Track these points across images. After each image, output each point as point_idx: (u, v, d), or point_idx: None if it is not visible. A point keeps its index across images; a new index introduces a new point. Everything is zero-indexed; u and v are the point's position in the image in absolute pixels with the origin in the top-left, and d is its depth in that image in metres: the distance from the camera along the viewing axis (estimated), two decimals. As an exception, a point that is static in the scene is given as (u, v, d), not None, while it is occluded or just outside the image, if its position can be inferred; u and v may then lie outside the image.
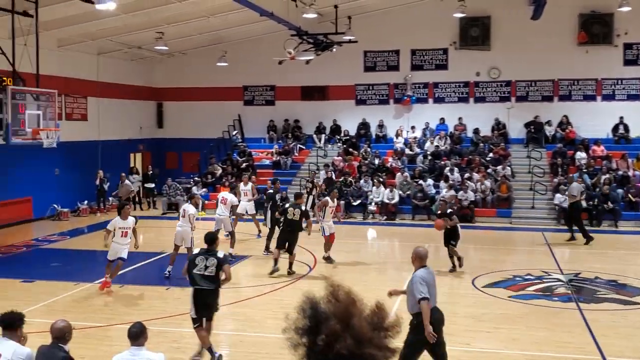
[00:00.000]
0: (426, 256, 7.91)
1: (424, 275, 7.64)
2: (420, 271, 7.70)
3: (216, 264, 8.81)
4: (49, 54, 20.12)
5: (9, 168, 20.44)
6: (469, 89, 27.04)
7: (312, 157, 26.65)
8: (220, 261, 8.85)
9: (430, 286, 7.65)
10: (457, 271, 14.57)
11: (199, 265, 8.83)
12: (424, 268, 7.76)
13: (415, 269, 7.81)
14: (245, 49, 27.71)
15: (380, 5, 25.63)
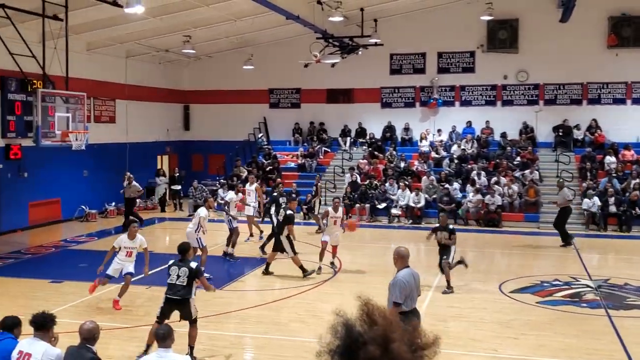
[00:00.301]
0: (408, 256, 7.79)
1: (407, 277, 7.50)
2: (403, 272, 7.58)
3: (188, 273, 9.00)
4: (78, 57, 20.37)
5: (39, 170, 20.73)
6: (496, 92, 26.81)
7: (337, 160, 26.63)
8: (191, 272, 9.03)
9: (412, 288, 7.55)
10: (449, 291, 13.21)
11: (172, 275, 9.08)
12: (407, 269, 7.64)
13: (398, 270, 7.68)
14: (271, 52, 27.82)
15: (406, 8, 25.54)
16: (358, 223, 15.03)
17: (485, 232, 21.09)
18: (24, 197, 20.46)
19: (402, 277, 7.47)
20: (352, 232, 16.04)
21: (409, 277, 7.52)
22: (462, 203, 22.37)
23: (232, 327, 10.94)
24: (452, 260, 13.45)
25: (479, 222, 21.99)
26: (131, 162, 25.53)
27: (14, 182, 20.14)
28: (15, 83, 19.58)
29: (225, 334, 10.54)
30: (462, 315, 11.66)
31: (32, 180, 20.65)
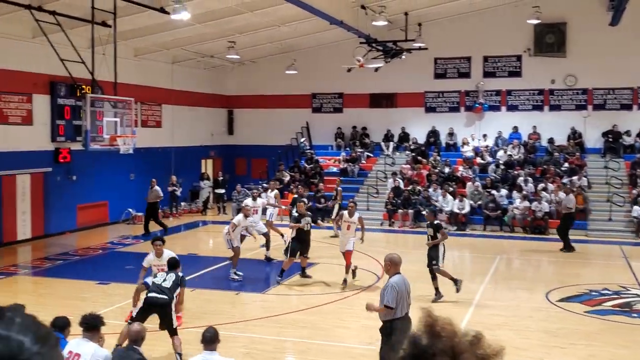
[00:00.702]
0: (400, 262, 7.88)
1: (399, 283, 7.61)
2: (395, 278, 7.69)
3: (174, 279, 9.16)
4: (126, 62, 20.74)
5: (87, 173, 21.16)
6: (543, 96, 26.35)
7: (380, 164, 26.52)
8: (178, 278, 9.22)
9: (403, 294, 7.63)
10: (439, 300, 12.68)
11: (159, 276, 9.27)
12: (398, 275, 7.74)
13: (390, 276, 7.79)
14: (314, 57, 27.89)
15: (451, 11, 25.32)
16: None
17: (531, 240, 20.72)
18: (72, 200, 20.91)
19: (394, 282, 7.60)
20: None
21: (400, 283, 7.64)
22: (508, 210, 22.01)
23: (275, 331, 10.96)
24: (442, 263, 13.07)
25: (525, 229, 21.61)
26: (176, 166, 25.89)
27: (63, 185, 20.60)
28: (65, 88, 20.05)
29: (267, 338, 10.57)
30: (508, 324, 11.46)
31: (81, 184, 21.09)
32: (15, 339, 0.98)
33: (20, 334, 0.99)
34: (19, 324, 1.01)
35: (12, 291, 13.71)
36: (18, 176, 18.96)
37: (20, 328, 1.00)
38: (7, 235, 18.62)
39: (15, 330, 0.99)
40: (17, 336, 0.99)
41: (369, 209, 23.95)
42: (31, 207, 19.41)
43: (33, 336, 1.00)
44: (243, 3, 19.01)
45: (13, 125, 18.68)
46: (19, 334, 0.99)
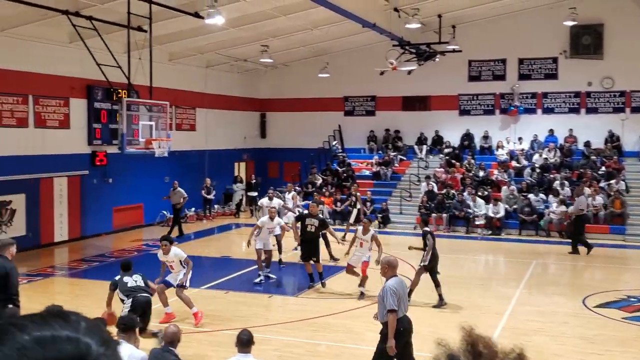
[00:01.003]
0: (397, 265, 8.13)
1: (396, 285, 7.73)
2: (391, 281, 7.80)
3: (141, 278, 9.82)
4: (161, 67, 20.99)
5: (123, 176, 21.45)
6: (580, 99, 25.94)
7: (413, 168, 26.35)
8: (143, 276, 9.92)
9: (401, 296, 7.74)
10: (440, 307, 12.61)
11: (129, 283, 9.67)
12: (395, 277, 7.88)
13: (387, 279, 7.90)
14: (346, 60, 27.88)
15: (485, 13, 25.08)
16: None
17: (568, 245, 20.35)
18: (108, 202, 21.21)
19: (391, 285, 7.74)
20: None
21: (397, 284, 7.78)
22: (544, 214, 21.69)
23: (308, 334, 10.96)
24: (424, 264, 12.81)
25: (562, 234, 21.28)
26: (210, 169, 26.11)
27: (99, 187, 20.91)
28: (102, 92, 20.37)
29: (300, 341, 10.57)
30: (544, 330, 11.30)
31: (116, 186, 21.38)
32: (83, 341, 1.02)
33: (87, 337, 1.03)
34: (85, 327, 1.04)
35: (49, 292, 13.95)
36: (55, 179, 19.30)
37: (86, 331, 1.04)
38: (44, 237, 18.96)
39: (83, 332, 1.03)
40: (85, 338, 1.02)
41: (402, 213, 23.84)
42: (68, 210, 19.74)
43: (99, 339, 1.04)
44: (277, 7, 19.10)
45: (51, 129, 19.03)
46: (86, 337, 1.03)
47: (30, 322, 1.01)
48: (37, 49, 18.28)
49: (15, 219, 18.00)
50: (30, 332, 1.00)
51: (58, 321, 1.03)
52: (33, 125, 18.44)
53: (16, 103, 17.88)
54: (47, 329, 1.01)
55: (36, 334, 1.00)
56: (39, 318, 1.03)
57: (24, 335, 0.99)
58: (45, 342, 0.99)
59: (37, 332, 1.00)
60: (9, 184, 17.65)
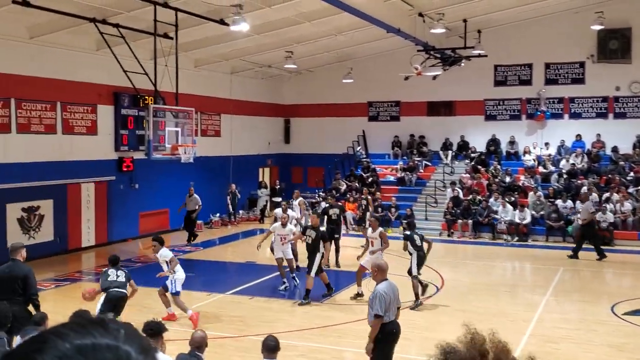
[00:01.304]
0: (387, 269, 8.23)
1: (386, 289, 7.79)
2: (382, 285, 7.84)
3: (124, 274, 10.43)
4: (187, 73, 21.15)
5: (149, 181, 21.64)
6: (607, 104, 25.61)
7: (438, 174, 26.21)
8: (127, 273, 10.55)
9: (391, 301, 7.80)
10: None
11: (111, 275, 10.32)
12: (386, 281, 7.93)
13: (377, 283, 7.98)
14: (370, 65, 27.86)
15: (511, 18, 24.90)
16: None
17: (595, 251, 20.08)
18: (134, 208, 21.40)
19: (382, 289, 7.78)
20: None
21: (388, 289, 7.82)
22: (572, 220, 21.41)
23: (334, 340, 10.94)
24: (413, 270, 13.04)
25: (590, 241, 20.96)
26: (234, 175, 26.23)
27: (126, 193, 21.11)
28: (128, 99, 20.59)
29: (326, 347, 10.55)
30: (571, 337, 11.16)
31: (143, 192, 21.56)
32: (123, 349, 1.02)
33: (126, 345, 1.03)
34: (124, 335, 1.05)
35: (77, 297, 14.03)
36: (83, 185, 19.53)
37: (125, 339, 1.04)
38: (72, 242, 19.18)
39: (122, 340, 1.03)
40: (124, 346, 1.03)
41: (427, 219, 23.71)
42: (95, 215, 19.95)
43: (138, 346, 1.04)
44: (301, 13, 19.15)
45: (78, 135, 19.27)
46: (126, 345, 1.03)
47: (70, 331, 1.02)
48: (65, 56, 18.55)
49: (43, 224, 18.24)
50: (71, 340, 1.01)
51: (98, 329, 1.03)
52: (61, 132, 18.69)
53: (44, 110, 18.13)
54: (87, 337, 1.01)
55: (77, 342, 1.00)
56: (79, 326, 1.04)
57: (65, 344, 1.00)
58: (86, 351, 1.00)
59: (77, 340, 1.01)
60: (37, 190, 17.90)
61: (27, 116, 17.59)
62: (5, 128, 17.01)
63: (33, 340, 1.03)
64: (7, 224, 17.14)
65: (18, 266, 8.92)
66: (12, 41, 17.05)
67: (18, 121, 17.32)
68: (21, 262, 9.02)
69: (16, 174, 17.27)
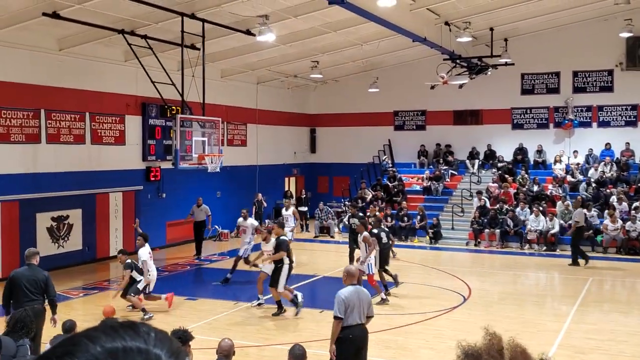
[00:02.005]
0: (356, 274, 8.36)
1: (347, 293, 7.87)
2: (345, 289, 7.97)
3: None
4: (214, 84, 21.32)
5: (176, 191, 21.81)
6: (637, 112, 25.25)
7: (465, 183, 26.02)
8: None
9: (354, 305, 7.84)
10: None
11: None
12: (351, 286, 8.00)
13: (345, 286, 8.10)
14: (396, 74, 27.83)
15: (538, 26, 24.70)
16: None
17: (625, 261, 19.79)
18: (162, 217, 21.57)
19: (342, 292, 7.92)
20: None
21: (349, 293, 7.91)
22: (600, 230, 21.11)
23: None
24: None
25: (619, 250, 20.68)
26: (260, 184, 26.33)
27: (153, 202, 21.30)
28: (156, 109, 20.82)
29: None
30: (602, 348, 10.97)
31: (170, 201, 21.74)
32: (153, 352, 1.04)
33: (157, 348, 1.05)
34: (155, 339, 1.06)
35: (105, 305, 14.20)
36: (111, 194, 19.75)
37: (156, 342, 1.06)
38: (100, 251, 19.38)
39: (152, 344, 1.05)
40: (155, 350, 1.04)
41: (453, 228, 23.54)
42: (123, 224, 20.15)
43: (168, 350, 1.06)
44: (326, 23, 19.22)
45: (107, 145, 19.52)
46: (156, 348, 1.05)
47: (102, 334, 1.04)
48: (93, 67, 18.83)
49: (72, 233, 18.47)
50: (102, 343, 1.02)
51: (129, 332, 1.05)
52: (90, 142, 18.94)
53: (74, 120, 18.41)
54: (118, 340, 1.03)
55: (108, 345, 1.02)
56: (110, 330, 1.05)
57: (96, 347, 1.01)
58: (117, 354, 1.01)
59: (108, 344, 1.02)
60: (66, 199, 18.14)
61: (56, 127, 17.87)
62: (35, 138, 17.30)
63: (64, 342, 1.05)
64: (37, 233, 17.39)
65: (37, 270, 9.46)
66: (42, 53, 17.37)
67: (48, 131, 17.60)
68: (37, 266, 9.54)
69: (46, 184, 17.53)
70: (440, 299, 14.40)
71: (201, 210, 20.75)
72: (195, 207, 20.79)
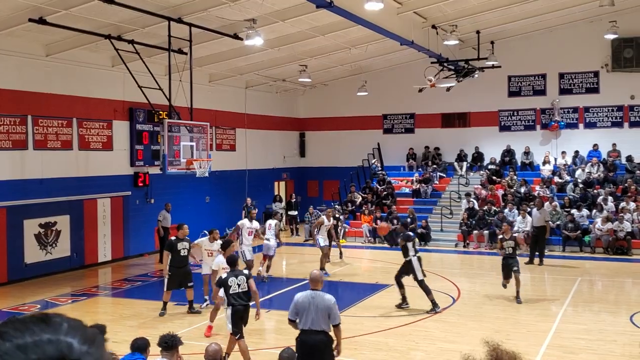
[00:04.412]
0: (317, 279, 8.09)
1: (301, 297, 7.86)
2: (301, 293, 8.01)
3: (245, 280, 9.86)
4: (201, 88, 21.30)
5: (165, 196, 21.73)
6: (623, 113, 25.46)
7: (453, 185, 26.13)
8: (247, 277, 9.95)
9: (307, 309, 7.75)
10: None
11: (232, 285, 9.73)
12: (309, 290, 7.97)
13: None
14: (384, 78, 27.92)
15: (524, 28, 24.87)
16: (388, 227, 15.89)
17: (613, 261, 19.91)
18: (150, 223, 21.48)
19: (298, 295, 7.96)
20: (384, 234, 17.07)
21: (305, 297, 7.85)
22: (588, 230, 21.23)
23: (349, 352, 10.86)
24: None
25: (607, 250, 20.81)
26: (250, 189, 26.30)
27: (142, 208, 21.22)
28: (143, 114, 20.77)
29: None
30: (591, 348, 11.01)
31: (158, 206, 21.63)
32: (64, 341, 1.04)
33: (68, 336, 1.05)
34: (66, 328, 1.06)
35: (93, 312, 14.15)
36: (99, 200, 19.67)
37: (68, 331, 1.06)
38: (88, 258, 19.29)
39: (64, 333, 1.05)
40: (66, 338, 1.04)
41: (442, 230, 23.62)
42: (111, 230, 20.06)
43: (80, 337, 1.06)
44: (314, 27, 19.25)
45: (94, 151, 19.44)
46: (67, 336, 1.05)
47: (11, 329, 1.04)
48: (80, 73, 18.77)
49: (60, 240, 18.37)
50: (11, 338, 1.02)
51: (39, 325, 1.05)
52: (77, 148, 18.87)
53: (61, 126, 18.33)
54: (28, 334, 1.03)
55: (17, 340, 1.02)
56: (20, 324, 1.05)
57: (5, 343, 1.01)
58: (26, 347, 1.01)
59: (18, 338, 1.02)
60: (54, 206, 18.05)
61: (43, 133, 17.79)
62: (22, 144, 17.21)
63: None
64: (24, 239, 17.29)
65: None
66: (29, 59, 17.29)
67: (35, 138, 17.51)
68: None
69: (33, 190, 17.44)
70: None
71: (167, 217, 20.42)
72: (164, 211, 20.52)
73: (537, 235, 19.40)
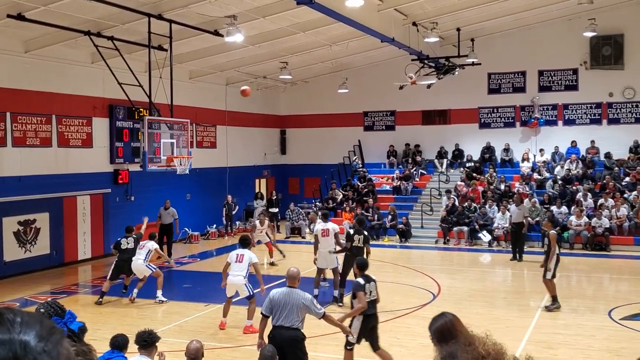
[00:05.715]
0: (293, 276, 8.14)
1: (277, 294, 7.93)
2: (278, 289, 8.12)
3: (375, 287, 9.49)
4: (182, 85, 21.18)
5: (145, 194, 21.62)
6: (601, 110, 25.74)
7: (434, 182, 26.27)
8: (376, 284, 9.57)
9: (282, 305, 7.81)
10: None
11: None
12: (285, 287, 8.08)
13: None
14: (365, 75, 27.97)
15: (504, 26, 25.06)
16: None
17: (592, 257, 20.15)
18: (131, 220, 21.26)
19: (274, 291, 8.05)
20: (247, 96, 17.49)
21: (280, 294, 7.92)
22: (567, 226, 21.45)
23: (330, 349, 10.91)
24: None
25: (586, 246, 21.05)
26: (231, 186, 26.23)
27: (122, 205, 21.09)
28: (123, 111, 20.62)
29: (323, 356, 10.53)
30: (570, 343, 11.16)
31: (139, 204, 21.53)
32: (18, 340, 0.95)
33: (23, 334, 0.96)
34: (20, 324, 0.98)
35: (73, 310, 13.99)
36: (79, 197, 19.51)
37: (22, 328, 0.97)
38: (68, 255, 19.13)
39: (17, 331, 0.96)
40: (20, 336, 0.96)
41: (423, 227, 23.74)
42: (91, 228, 19.91)
43: (36, 334, 0.97)
44: (295, 24, 19.23)
45: (74, 148, 19.28)
46: (22, 334, 0.96)
47: None
48: (60, 69, 18.59)
49: (40, 237, 18.20)
50: None
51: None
52: (56, 145, 18.70)
53: (40, 123, 18.15)
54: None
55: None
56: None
57: None
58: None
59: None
60: (33, 203, 17.87)
61: (22, 130, 17.61)
62: (1, 142, 17.03)
63: None
64: (3, 237, 17.11)
65: None
66: (7, 55, 17.10)
67: (14, 135, 17.33)
68: None
69: (12, 188, 17.26)
70: (411, 296, 14.52)
71: (168, 213, 20.55)
72: (162, 208, 20.60)
73: (516, 232, 19.53)
